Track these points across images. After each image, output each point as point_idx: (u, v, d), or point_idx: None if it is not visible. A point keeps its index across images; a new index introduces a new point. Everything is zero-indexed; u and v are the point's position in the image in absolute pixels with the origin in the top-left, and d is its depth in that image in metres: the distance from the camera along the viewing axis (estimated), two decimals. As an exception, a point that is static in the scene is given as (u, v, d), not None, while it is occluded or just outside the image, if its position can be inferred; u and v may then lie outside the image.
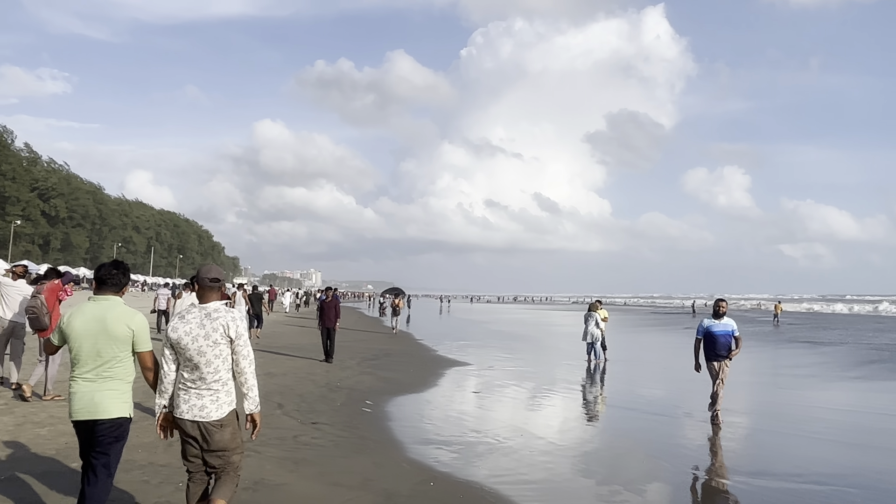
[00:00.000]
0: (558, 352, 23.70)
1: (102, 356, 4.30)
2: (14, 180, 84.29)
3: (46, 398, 9.49)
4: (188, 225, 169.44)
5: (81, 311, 4.41)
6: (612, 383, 15.27)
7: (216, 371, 4.25)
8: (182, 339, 4.22)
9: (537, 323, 49.17)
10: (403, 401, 11.46)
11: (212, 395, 4.25)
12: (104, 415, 4.27)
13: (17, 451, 6.83)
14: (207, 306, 4.32)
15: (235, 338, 4.27)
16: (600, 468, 7.62)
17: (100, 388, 4.29)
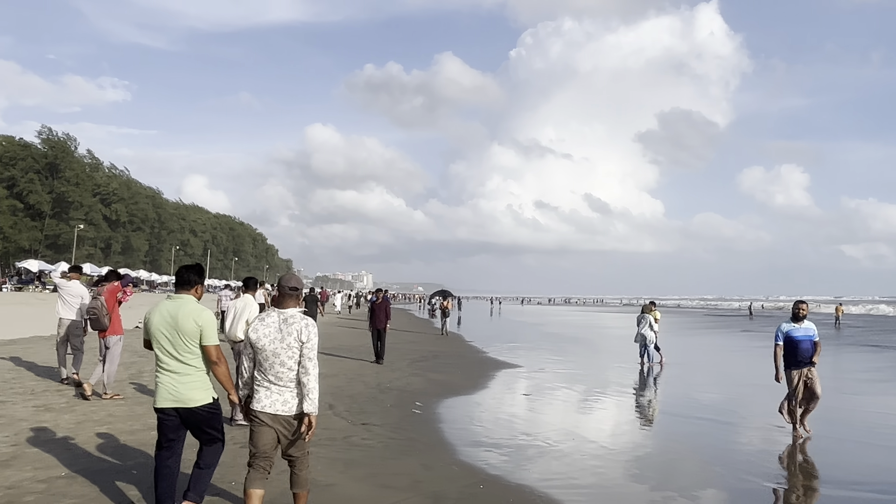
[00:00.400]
0: (610, 354, 23.37)
1: (178, 349, 4.79)
2: (77, 186, 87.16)
3: (106, 397, 9.75)
4: (243, 228, 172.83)
5: (158, 308, 4.92)
6: (665, 387, 14.98)
7: (291, 370, 4.58)
8: (261, 340, 4.59)
9: (589, 325, 48.61)
10: (453, 403, 11.43)
11: (291, 392, 4.60)
12: (191, 403, 4.79)
13: (77, 449, 7.03)
14: (285, 312, 4.67)
15: (306, 342, 4.59)
16: (653, 473, 7.45)
17: (181, 379, 4.79)
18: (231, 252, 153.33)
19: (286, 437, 4.65)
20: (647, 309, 18.32)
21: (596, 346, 27.39)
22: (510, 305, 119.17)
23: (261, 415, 4.59)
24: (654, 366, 17.67)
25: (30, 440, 7.25)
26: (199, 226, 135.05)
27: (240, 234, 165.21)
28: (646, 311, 18.14)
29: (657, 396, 13.73)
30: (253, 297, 8.98)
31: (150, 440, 7.51)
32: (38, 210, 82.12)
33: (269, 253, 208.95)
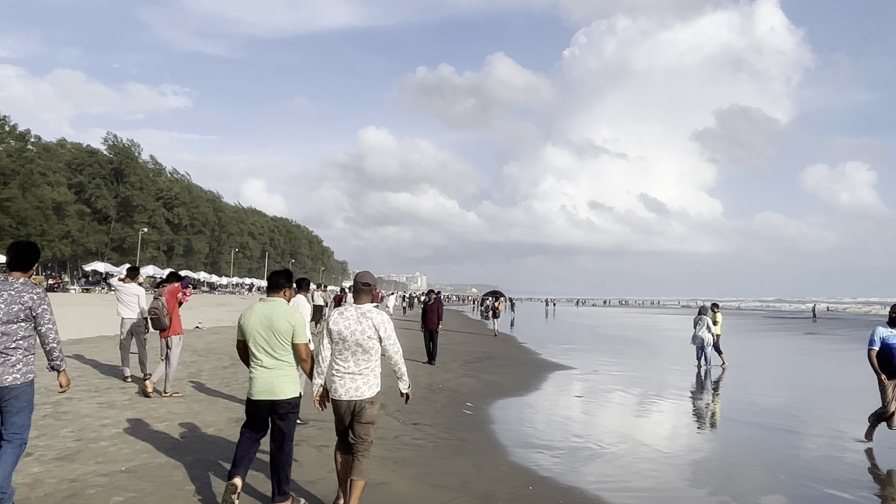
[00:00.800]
0: (667, 357, 22.91)
1: (272, 347, 5.27)
2: (141, 190, 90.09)
3: (165, 395, 10.02)
4: (299, 230, 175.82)
5: (253, 309, 5.40)
6: (724, 390, 14.61)
7: (368, 360, 5.13)
8: (342, 332, 5.09)
9: (644, 327, 47.80)
10: (505, 404, 11.37)
11: (364, 379, 5.11)
12: (281, 396, 5.26)
13: (137, 445, 7.23)
14: (362, 307, 5.18)
15: (385, 336, 5.13)
16: (710, 478, 7.26)
17: (274, 374, 5.27)
18: (288, 254, 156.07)
19: (357, 420, 5.14)
20: (705, 310, 17.90)
21: (652, 349, 26.88)
22: (565, 307, 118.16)
23: (340, 402, 5.13)
24: (711, 369, 17.26)
25: (93, 436, 7.50)
26: (257, 228, 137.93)
27: (296, 236, 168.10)
28: (703, 313, 17.73)
29: (715, 400, 13.39)
30: (305, 297, 9.09)
31: (207, 437, 7.70)
32: (105, 214, 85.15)
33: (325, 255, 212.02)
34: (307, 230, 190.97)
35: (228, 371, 12.98)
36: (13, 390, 4.83)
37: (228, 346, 17.85)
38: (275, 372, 5.28)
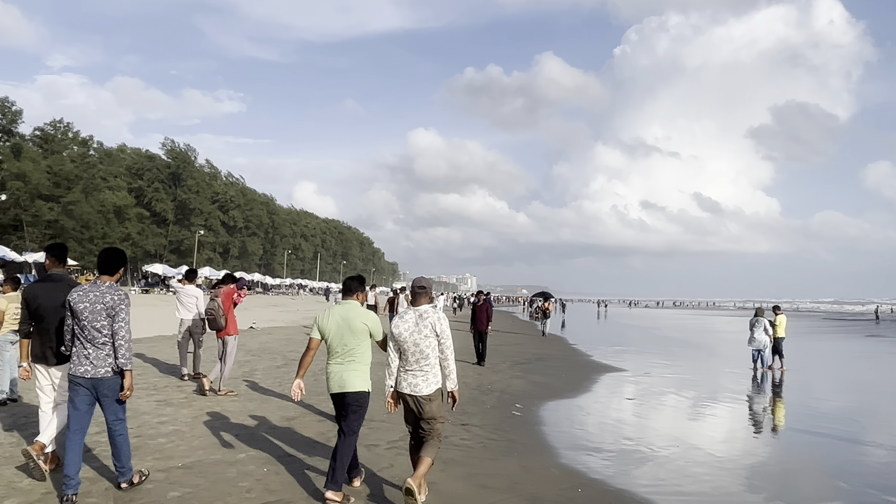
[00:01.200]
0: (722, 359, 22.44)
1: (347, 345, 5.70)
2: (198, 193, 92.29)
3: (221, 393, 10.25)
4: (351, 232, 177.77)
5: (331, 311, 5.86)
6: (782, 394, 14.23)
7: (426, 358, 5.52)
8: (402, 334, 5.55)
9: (698, 329, 46.89)
10: (554, 405, 11.29)
11: (423, 376, 5.52)
12: (350, 388, 5.66)
13: (193, 441, 7.42)
14: (419, 308, 5.65)
15: (440, 333, 5.53)
16: (766, 484, 7.09)
17: (346, 369, 5.69)
18: (340, 255, 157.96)
19: (420, 412, 5.57)
20: (761, 312, 17.45)
21: (706, 351, 26.34)
22: (617, 308, 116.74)
23: (405, 396, 5.58)
24: (767, 372, 16.82)
25: (151, 432, 7.72)
26: (309, 230, 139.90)
27: (348, 237, 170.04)
28: (759, 315, 17.29)
29: (772, 404, 13.07)
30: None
31: (259, 435, 7.85)
32: (163, 217, 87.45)
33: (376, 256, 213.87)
34: (358, 232, 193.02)
35: (281, 371, 13.20)
36: (105, 382, 5.35)
37: (281, 346, 18.17)
38: (346, 367, 5.71)
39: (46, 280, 6.07)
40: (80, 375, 5.33)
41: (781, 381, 15.70)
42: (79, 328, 5.36)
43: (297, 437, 7.82)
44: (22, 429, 7.54)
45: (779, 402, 13.34)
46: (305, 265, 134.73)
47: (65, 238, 65.42)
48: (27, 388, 9.57)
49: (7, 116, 64.92)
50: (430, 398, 5.54)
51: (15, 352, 9.10)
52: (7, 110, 64.75)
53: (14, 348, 9.02)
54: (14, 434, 7.33)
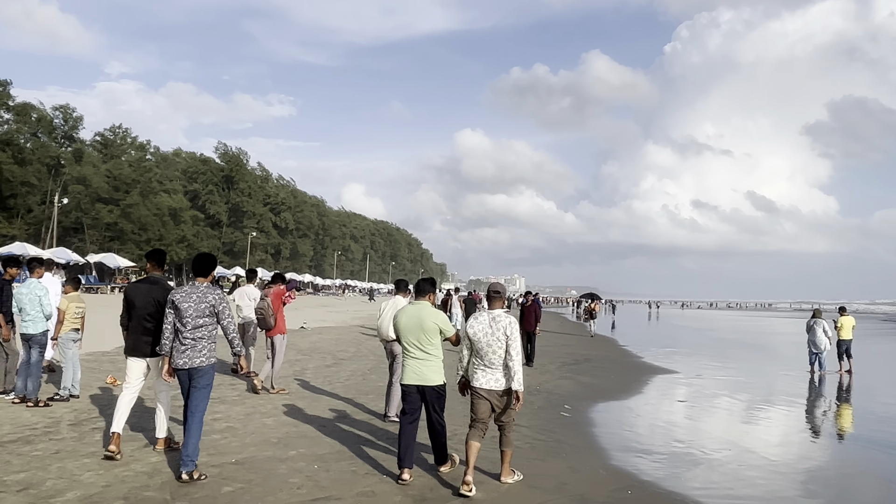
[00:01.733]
0: (776, 361, 21.88)
1: (421, 342, 6.28)
2: (250, 196, 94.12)
3: (273, 391, 10.43)
4: (399, 233, 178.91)
5: (405, 311, 6.52)
6: (841, 398, 13.82)
7: (500, 357, 6.00)
8: (477, 334, 6.08)
9: (753, 330, 45.84)
10: (603, 407, 11.17)
11: (500, 373, 6.03)
12: (428, 382, 6.25)
13: (246, 438, 7.58)
14: (493, 312, 6.18)
15: (510, 336, 5.98)
16: (824, 490, 6.91)
17: (423, 364, 6.27)
18: (388, 257, 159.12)
19: (497, 406, 6.10)
20: (819, 313, 16.94)
21: (761, 353, 25.70)
22: (669, 309, 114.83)
23: (479, 390, 6.09)
24: (826, 375, 16.33)
25: (206, 429, 7.89)
26: (358, 232, 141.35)
27: (396, 239, 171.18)
28: (817, 316, 16.79)
29: (831, 407, 12.70)
30: (403, 298, 9.25)
31: (310, 432, 7.97)
32: (217, 219, 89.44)
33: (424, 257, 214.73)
34: (406, 233, 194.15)
35: (331, 370, 13.37)
36: (200, 370, 6.12)
37: (331, 346, 18.39)
38: (423, 362, 6.29)
39: (145, 281, 6.84)
40: (180, 367, 6.12)
41: (846, 384, 15.25)
42: (181, 325, 6.08)
43: (347, 435, 7.92)
44: (83, 424, 7.81)
45: (838, 405, 12.96)
46: (355, 266, 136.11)
47: (123, 240, 67.53)
48: (86, 386, 9.93)
49: (69, 123, 67.29)
50: (502, 393, 6.07)
51: (78, 350, 9.44)
52: (69, 117, 67.11)
53: (76, 346, 9.36)
54: (77, 428, 7.59)
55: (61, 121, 66.17)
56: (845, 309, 17.87)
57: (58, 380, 9.62)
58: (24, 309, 8.80)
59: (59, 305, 9.18)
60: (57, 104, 66.34)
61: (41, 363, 8.95)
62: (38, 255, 40.29)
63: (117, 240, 68.18)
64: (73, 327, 9.25)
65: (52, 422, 7.86)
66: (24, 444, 6.84)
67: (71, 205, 61.65)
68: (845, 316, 17.22)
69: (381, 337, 9.14)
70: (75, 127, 68.28)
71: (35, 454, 6.48)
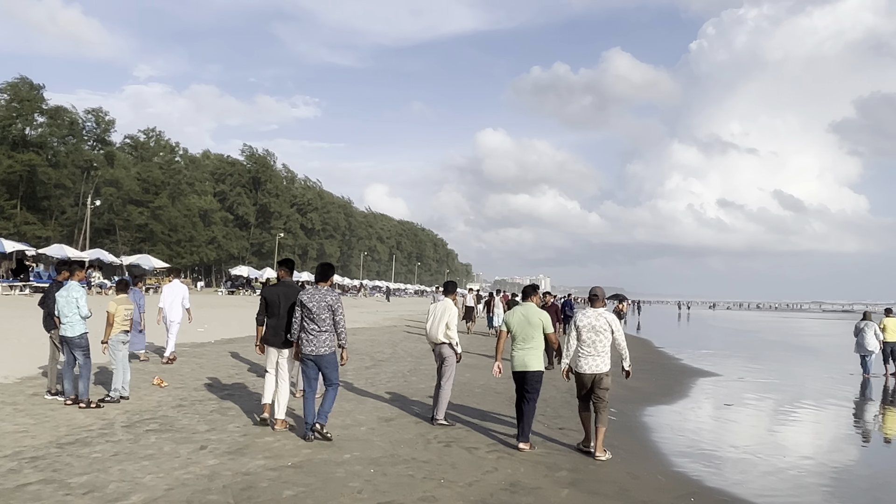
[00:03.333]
0: (817, 363, 21.48)
1: (526, 335, 7.65)
2: (277, 197, 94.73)
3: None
4: (424, 234, 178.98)
5: (515, 311, 7.89)
6: (889, 400, 13.51)
7: (604, 345, 7.48)
8: (585, 327, 7.52)
9: (787, 331, 45.14)
10: (651, 411, 11.01)
11: (602, 358, 7.47)
12: (530, 368, 7.62)
13: (298, 441, 7.54)
14: (597, 310, 7.63)
15: (615, 329, 7.51)
16: (893, 499, 6.72)
17: (527, 354, 7.63)
18: (414, 257, 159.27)
19: (597, 386, 7.47)
20: (869, 315, 16.57)
21: (799, 354, 25.23)
22: (699, 310, 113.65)
23: (585, 374, 7.49)
24: (872, 378, 15.97)
25: (258, 430, 7.92)
26: (385, 232, 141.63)
27: (422, 239, 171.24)
28: (867, 318, 16.44)
29: (883, 412, 12.41)
30: (453, 301, 9.19)
31: (361, 435, 7.93)
32: (245, 220, 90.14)
33: (450, 257, 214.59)
34: (432, 233, 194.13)
35: (371, 371, 13.35)
36: (325, 357, 7.49)
37: (367, 347, 18.39)
38: (528, 352, 7.63)
39: (280, 285, 8.29)
40: (308, 354, 7.49)
41: (892, 388, 14.92)
42: (308, 320, 7.47)
43: (397, 438, 7.87)
44: (136, 426, 7.85)
45: (883, 409, 12.65)
46: (381, 266, 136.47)
47: (154, 241, 68.33)
48: (135, 388, 10.00)
49: (101, 126, 68.16)
50: (607, 374, 7.50)
51: (127, 351, 9.51)
52: (101, 120, 67.99)
53: (125, 348, 9.42)
54: (131, 430, 7.63)
55: (94, 124, 67.02)
56: (891, 310, 17.49)
57: (107, 380, 9.71)
58: (62, 312, 8.79)
59: (108, 308, 9.23)
60: (89, 107, 67.25)
61: (89, 365, 8.99)
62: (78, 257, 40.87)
63: (148, 241, 68.98)
64: (123, 329, 9.31)
65: (106, 423, 7.91)
66: (82, 445, 6.88)
67: (103, 207, 62.48)
68: (891, 317, 16.84)
69: (430, 340, 9.08)
70: (107, 130, 68.98)
71: (94, 456, 6.51)
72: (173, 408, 9.03)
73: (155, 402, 9.30)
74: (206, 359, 14.16)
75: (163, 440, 7.29)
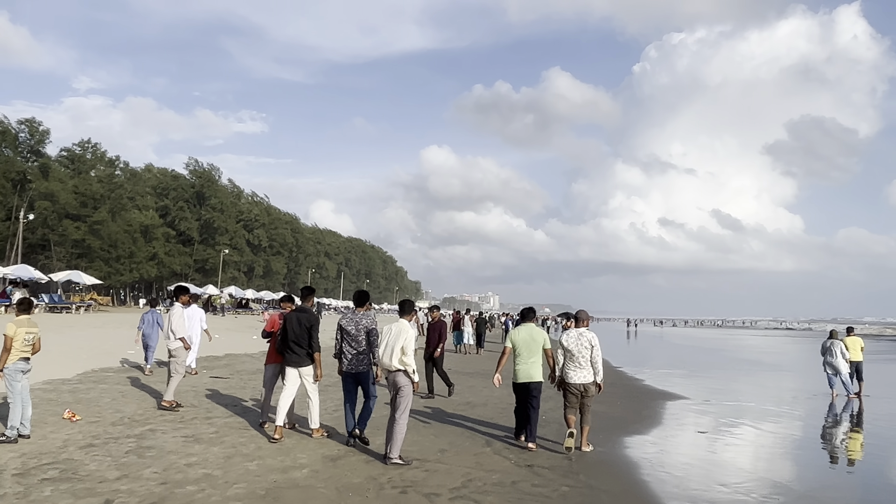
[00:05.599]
0: (780, 383, 20.99)
1: (531, 351, 8.85)
2: (222, 212, 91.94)
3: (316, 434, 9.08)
4: (374, 251, 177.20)
5: (519, 330, 9.04)
6: (871, 424, 12.91)
7: (586, 361, 8.72)
8: (570, 345, 8.78)
9: (738, 349, 45.16)
10: (625, 442, 9.99)
11: (586, 370, 8.73)
12: (534, 379, 8.85)
13: (228, 490, 6.37)
14: (579, 329, 8.90)
15: (594, 346, 8.72)
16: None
17: (531, 367, 8.85)
18: (363, 274, 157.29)
19: (584, 394, 8.79)
20: (836, 334, 16.06)
21: (757, 372, 24.69)
22: (645, 327, 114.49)
23: (571, 385, 8.79)
24: (845, 398, 15.42)
25: (179, 478, 6.70)
26: (332, 249, 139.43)
27: (371, 256, 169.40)
28: (834, 337, 15.92)
29: (867, 437, 11.76)
30: (409, 322, 8.12)
31: (301, 480, 6.78)
32: (188, 236, 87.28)
33: (399, 275, 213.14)
34: (381, 250, 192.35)
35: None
36: (363, 374, 8.46)
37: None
38: (531, 365, 8.87)
39: (300, 311, 8.91)
40: (347, 371, 8.45)
41: (854, 409, 14.37)
42: (346, 342, 8.44)
43: (344, 484, 6.75)
44: (32, 473, 6.54)
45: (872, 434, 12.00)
46: (329, 284, 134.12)
47: (92, 257, 65.33)
48: (39, 422, 8.63)
49: (35, 137, 65.18)
50: (591, 384, 8.78)
51: (27, 382, 8.17)
52: (35, 130, 65.02)
53: (25, 379, 8.09)
54: (23, 480, 6.33)
55: (27, 135, 64.02)
56: (853, 329, 17.13)
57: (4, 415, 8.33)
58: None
59: (6, 331, 7.90)
60: (22, 118, 64.24)
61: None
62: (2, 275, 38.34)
63: (85, 257, 65.96)
64: (23, 356, 7.98)
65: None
66: (-48, 504, 5.60)
67: (37, 221, 59.48)
68: (852, 336, 16.44)
69: (382, 366, 7.99)
70: (42, 141, 66.10)
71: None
72: (82, 448, 7.73)
73: (61, 442, 7.98)
74: (131, 385, 12.76)
75: (60, 493, 6.03)
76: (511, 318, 38.28)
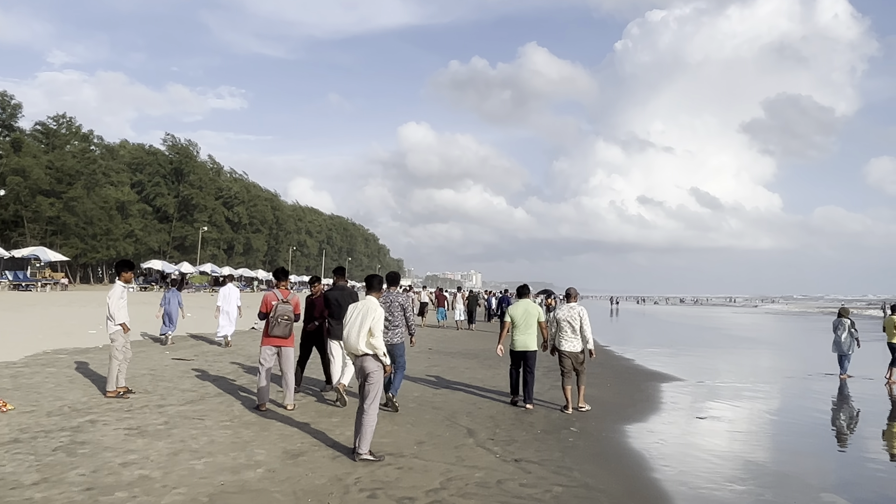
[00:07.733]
0: (775, 362, 20.32)
1: (527, 324, 10.14)
2: (201, 189, 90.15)
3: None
4: (356, 228, 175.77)
5: (517, 306, 10.30)
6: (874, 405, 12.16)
7: (574, 332, 9.97)
8: (562, 318, 10.01)
9: (722, 326, 44.69)
10: (620, 430, 9.07)
11: (577, 341, 9.99)
12: (530, 348, 10.14)
13: (165, 496, 5.41)
14: (571, 304, 10.16)
15: (583, 318, 9.96)
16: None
17: (528, 338, 10.12)
18: (345, 252, 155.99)
19: (578, 362, 10.01)
20: (845, 312, 15.24)
21: (748, 351, 23.96)
22: (627, 305, 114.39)
23: (565, 352, 9.97)
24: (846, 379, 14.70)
25: (111, 482, 5.73)
26: (314, 227, 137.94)
27: (353, 234, 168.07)
28: (843, 315, 15.11)
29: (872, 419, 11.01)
30: (377, 299, 7.14)
31: (254, 482, 5.83)
32: (166, 213, 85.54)
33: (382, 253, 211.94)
34: (363, 228, 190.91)
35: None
36: (397, 346, 9.33)
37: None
38: (528, 336, 10.09)
39: (336, 289, 10.15)
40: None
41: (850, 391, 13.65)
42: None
43: (304, 486, 5.79)
44: None
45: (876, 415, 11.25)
46: (310, 262, 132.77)
47: (67, 234, 63.76)
48: None
49: (6, 111, 63.19)
50: (582, 352, 9.98)
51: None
52: (6, 104, 63.02)
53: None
54: None
55: (-2, 109, 62.02)
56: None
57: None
58: None
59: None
60: (-8, 92, 62.12)
61: None
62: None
63: (60, 234, 64.28)
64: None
65: None
66: None
67: (9, 197, 57.68)
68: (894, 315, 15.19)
69: (348, 350, 7.02)
70: (14, 115, 64.19)
71: None
72: (3, 444, 6.71)
73: (-15, 438, 6.96)
74: (82, 369, 11.71)
75: None
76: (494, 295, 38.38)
